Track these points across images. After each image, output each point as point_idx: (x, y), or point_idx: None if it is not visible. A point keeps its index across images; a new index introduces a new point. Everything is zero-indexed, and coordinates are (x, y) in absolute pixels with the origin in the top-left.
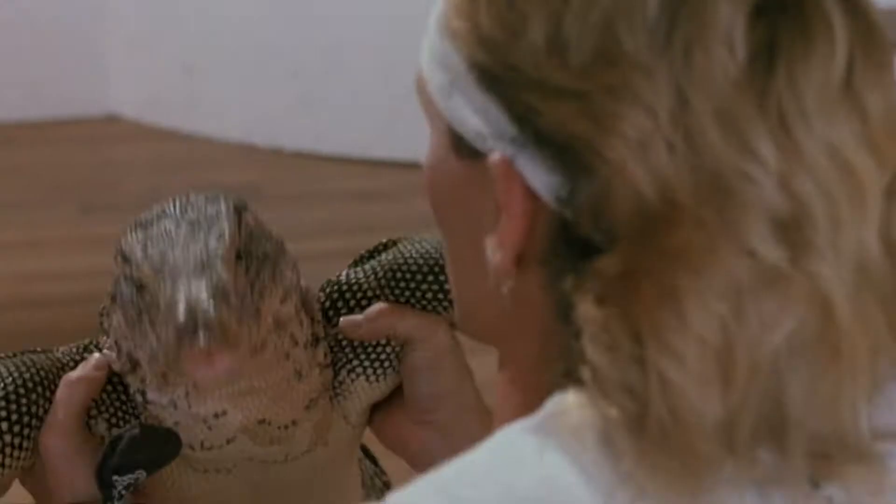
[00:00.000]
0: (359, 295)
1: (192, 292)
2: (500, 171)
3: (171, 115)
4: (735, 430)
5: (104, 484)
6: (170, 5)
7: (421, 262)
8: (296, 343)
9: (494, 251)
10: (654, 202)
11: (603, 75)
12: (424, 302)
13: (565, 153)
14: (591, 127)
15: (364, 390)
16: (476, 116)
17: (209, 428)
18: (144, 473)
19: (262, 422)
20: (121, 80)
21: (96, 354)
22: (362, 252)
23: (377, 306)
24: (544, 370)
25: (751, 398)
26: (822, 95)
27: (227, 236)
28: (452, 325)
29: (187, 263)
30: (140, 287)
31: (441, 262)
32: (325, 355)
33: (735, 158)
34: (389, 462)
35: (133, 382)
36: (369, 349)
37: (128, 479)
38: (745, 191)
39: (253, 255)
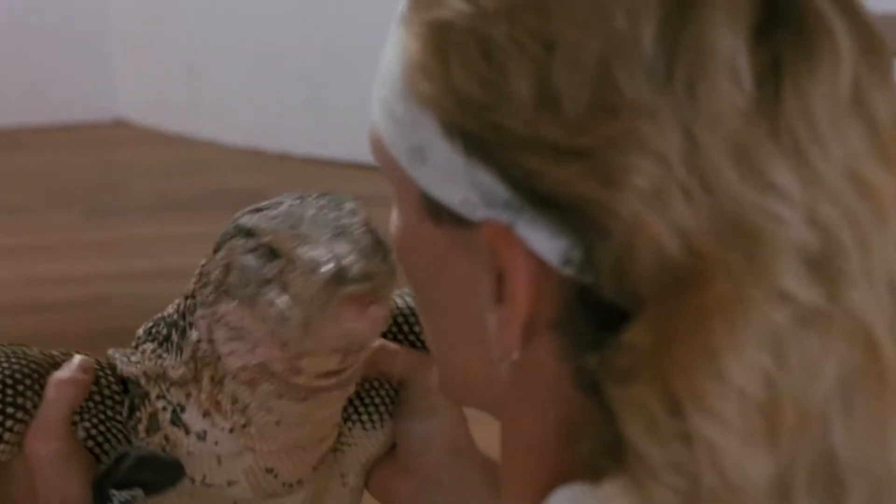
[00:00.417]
0: None
1: (336, 249)
2: (497, 239)
3: (177, 120)
4: (789, 487)
5: (102, 497)
6: (175, 9)
7: (412, 303)
8: None
9: (500, 326)
10: (678, 255)
11: (603, 126)
12: (418, 343)
13: (573, 215)
14: (598, 185)
15: (360, 441)
16: (459, 184)
17: (219, 463)
18: (142, 493)
19: (269, 471)
20: (126, 84)
21: (80, 356)
22: None
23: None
24: (565, 445)
25: (802, 450)
26: (833, 110)
27: (359, 212)
28: None
29: (325, 229)
30: (270, 255)
31: None
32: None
33: (756, 196)
34: None
35: (175, 395)
36: (362, 394)
37: (125, 495)
38: (771, 230)
39: None
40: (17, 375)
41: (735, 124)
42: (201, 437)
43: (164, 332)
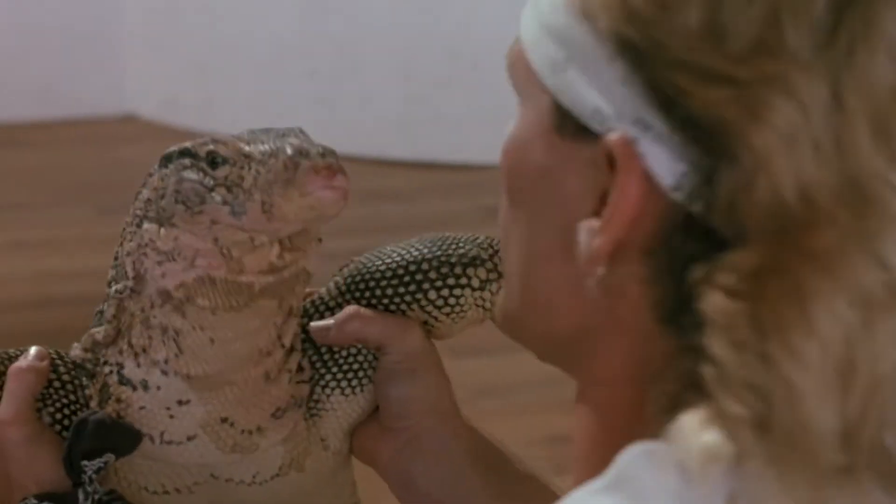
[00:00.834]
0: (321, 308)
1: (288, 141)
2: (619, 151)
3: (187, 116)
4: (854, 445)
5: (73, 469)
6: (185, 5)
7: (384, 267)
8: None
9: (593, 235)
10: (793, 200)
11: (761, 65)
12: (392, 306)
13: (708, 137)
14: (741, 113)
15: (340, 406)
16: (597, 93)
17: (171, 416)
18: (113, 457)
19: (224, 420)
20: (136, 80)
21: (34, 347)
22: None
23: (347, 310)
24: (639, 376)
25: (870, 414)
26: None
27: (291, 127)
28: (425, 328)
29: (268, 135)
30: (211, 166)
31: (406, 266)
32: (300, 368)
33: (883, 167)
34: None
35: (112, 356)
36: (340, 361)
37: (97, 462)
38: (887, 199)
39: None
40: None
41: (882, 98)
42: (145, 386)
43: (98, 309)
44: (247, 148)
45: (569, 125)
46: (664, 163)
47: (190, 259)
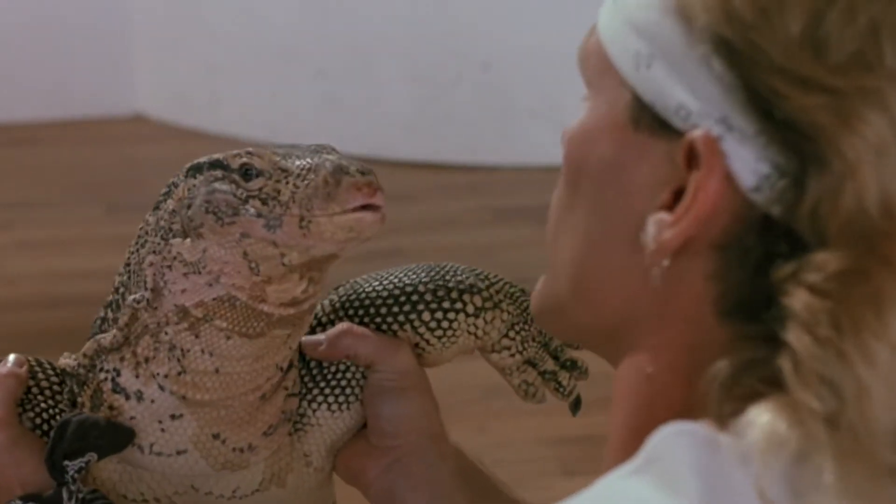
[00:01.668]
0: (314, 324)
1: (325, 157)
2: (703, 148)
3: (197, 115)
4: None
5: (56, 470)
6: (195, 5)
7: (380, 288)
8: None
9: (663, 227)
10: (876, 209)
11: (858, 77)
12: (384, 326)
13: (800, 141)
14: (835, 121)
15: (326, 422)
16: (684, 89)
17: (163, 430)
18: (95, 456)
19: (216, 437)
20: (146, 79)
21: (12, 355)
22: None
23: (339, 326)
24: (689, 367)
25: None
26: None
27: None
28: (415, 351)
29: (301, 149)
30: (244, 177)
31: (403, 288)
32: (294, 383)
33: None
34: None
35: (111, 363)
36: (329, 376)
37: (79, 462)
38: None
39: None
40: None
41: None
42: (139, 397)
43: (101, 314)
44: (283, 162)
45: (646, 119)
46: (747, 163)
47: (216, 274)
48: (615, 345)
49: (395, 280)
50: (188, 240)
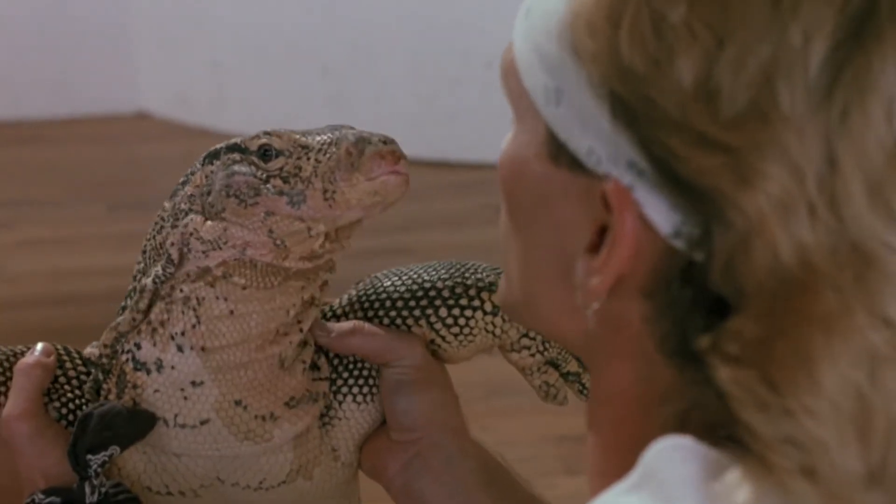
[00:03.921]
0: (330, 317)
1: (343, 132)
2: (614, 195)
3: (200, 113)
4: (882, 485)
5: (79, 464)
6: (199, 2)
7: (398, 283)
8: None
9: (590, 274)
10: (791, 264)
11: (753, 130)
12: (399, 321)
13: (700, 200)
14: (733, 181)
15: (353, 415)
16: (590, 135)
17: (185, 398)
18: (118, 449)
19: (238, 403)
20: (150, 77)
21: (41, 343)
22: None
23: (349, 323)
24: (644, 397)
25: (891, 455)
26: None
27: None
28: (431, 348)
29: (319, 128)
30: (263, 159)
31: (421, 284)
32: (316, 366)
33: (881, 227)
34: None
35: (130, 341)
36: (351, 367)
37: (102, 456)
38: (887, 260)
39: None
40: None
41: (878, 160)
42: (159, 367)
43: (123, 303)
44: (303, 139)
45: (564, 156)
46: (660, 212)
47: (240, 248)
48: (585, 359)
49: (415, 276)
50: (208, 221)
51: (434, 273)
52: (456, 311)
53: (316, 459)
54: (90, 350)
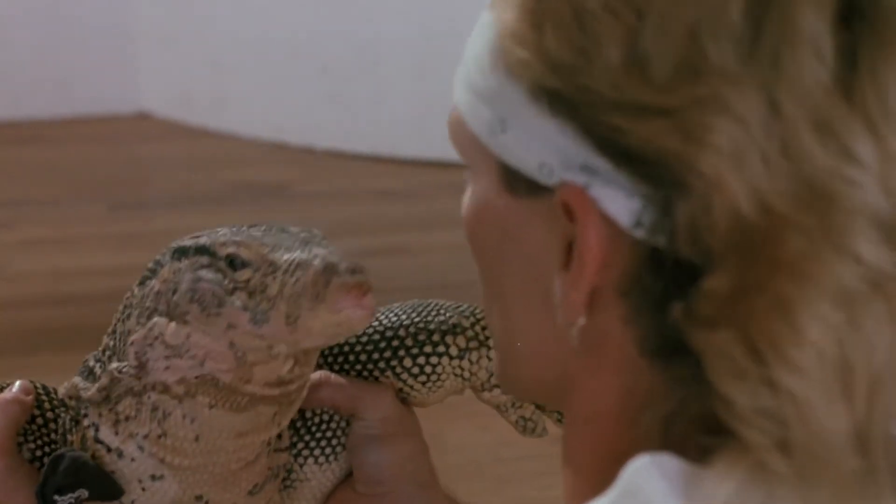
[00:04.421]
0: None
1: (314, 251)
2: (573, 200)
3: (201, 113)
4: (868, 444)
5: (46, 503)
6: (200, 3)
7: (353, 340)
8: None
9: (568, 290)
10: (753, 214)
11: (689, 88)
12: (366, 373)
13: (655, 171)
14: (682, 141)
15: (315, 475)
16: (539, 148)
17: (143, 489)
18: (86, 493)
19: (199, 498)
20: (151, 77)
21: (19, 381)
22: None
23: (317, 375)
24: (625, 409)
25: (876, 408)
26: None
27: (311, 231)
28: (401, 395)
29: (291, 240)
30: (230, 267)
31: (383, 333)
32: (278, 437)
33: (833, 162)
34: None
35: (93, 415)
36: (313, 429)
37: (69, 497)
38: (847, 195)
39: None
40: None
41: (817, 96)
42: (119, 454)
43: (90, 363)
44: (271, 255)
45: (520, 183)
46: (619, 203)
47: (200, 359)
48: (560, 396)
49: (376, 324)
50: (172, 323)
51: (395, 318)
52: (421, 360)
53: None
54: (63, 391)
